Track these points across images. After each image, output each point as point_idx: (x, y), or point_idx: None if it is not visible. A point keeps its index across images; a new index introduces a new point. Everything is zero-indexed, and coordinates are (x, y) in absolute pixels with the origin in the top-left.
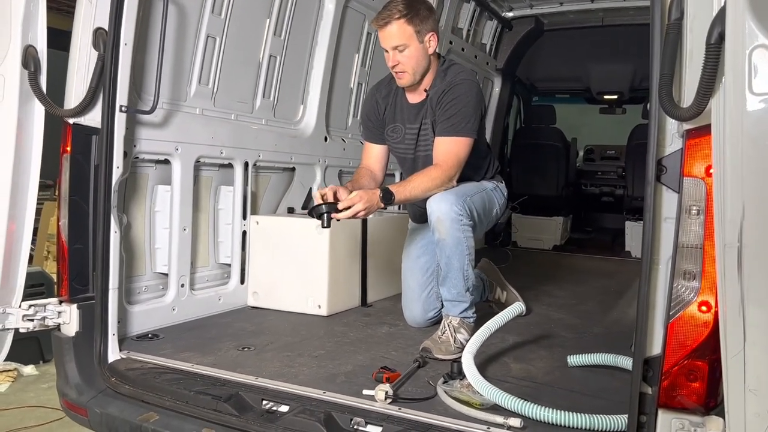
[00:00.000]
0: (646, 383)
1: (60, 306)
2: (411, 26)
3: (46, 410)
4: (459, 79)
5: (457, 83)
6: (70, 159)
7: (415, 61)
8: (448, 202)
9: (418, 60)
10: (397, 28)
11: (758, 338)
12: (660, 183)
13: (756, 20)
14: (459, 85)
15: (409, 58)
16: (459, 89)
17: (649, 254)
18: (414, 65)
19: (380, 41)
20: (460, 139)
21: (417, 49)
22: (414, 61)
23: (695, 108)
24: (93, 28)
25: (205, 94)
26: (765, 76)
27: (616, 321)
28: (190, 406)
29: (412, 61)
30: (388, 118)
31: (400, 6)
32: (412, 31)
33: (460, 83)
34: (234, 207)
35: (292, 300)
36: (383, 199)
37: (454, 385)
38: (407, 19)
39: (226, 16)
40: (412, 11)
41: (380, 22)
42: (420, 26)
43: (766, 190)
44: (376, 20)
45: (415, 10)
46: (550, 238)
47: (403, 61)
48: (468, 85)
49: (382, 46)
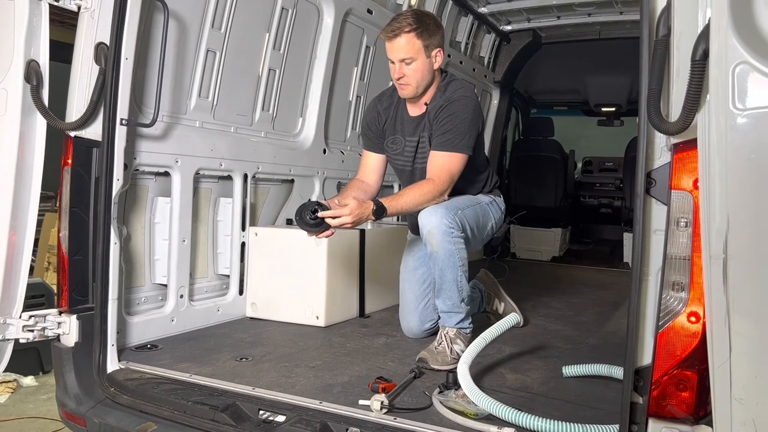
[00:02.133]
0: (637, 393)
1: (60, 317)
2: (420, 40)
3: (46, 421)
4: (457, 96)
5: (454, 99)
6: (71, 171)
7: (420, 75)
8: (439, 215)
9: (423, 74)
10: (405, 41)
11: (744, 348)
12: (649, 195)
13: (739, 38)
14: (456, 101)
15: (414, 72)
16: (456, 105)
17: (639, 266)
18: (419, 79)
19: (387, 52)
20: (454, 155)
21: (423, 63)
22: (419, 75)
23: (682, 122)
24: (95, 42)
25: (204, 107)
26: (747, 92)
27: (613, 332)
28: (187, 416)
29: (417, 75)
30: (388, 129)
31: (410, 19)
32: (420, 45)
33: (457, 99)
34: (233, 218)
35: (290, 311)
36: (375, 212)
37: (449, 396)
38: (417, 33)
39: (226, 30)
40: (422, 26)
41: (389, 33)
42: (429, 41)
43: (750, 203)
44: (386, 31)
45: (425, 25)
46: (549, 249)
47: (408, 74)
48: (465, 101)
49: (389, 56)
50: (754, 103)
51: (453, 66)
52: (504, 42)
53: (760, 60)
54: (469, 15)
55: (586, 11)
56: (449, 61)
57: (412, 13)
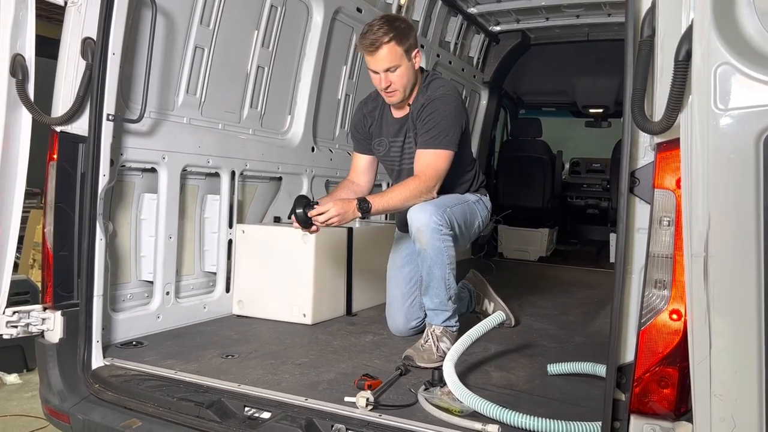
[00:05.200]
0: (620, 390)
1: (44, 312)
2: (400, 47)
3: (29, 419)
4: (438, 94)
5: (435, 97)
6: (56, 166)
7: (406, 80)
8: (428, 212)
9: (408, 78)
10: (387, 51)
11: (723, 344)
12: (633, 194)
13: (721, 39)
14: (438, 99)
15: (400, 77)
16: (438, 103)
17: (623, 264)
18: (405, 83)
19: (369, 64)
20: (440, 152)
21: (407, 67)
22: (404, 80)
23: (665, 122)
24: (81, 37)
25: (192, 103)
26: (729, 92)
27: (598, 331)
28: (172, 412)
29: (403, 80)
30: (374, 132)
31: (385, 28)
32: (401, 51)
33: (439, 97)
34: (220, 216)
35: (277, 309)
36: (360, 208)
37: (434, 393)
38: (396, 40)
39: (214, 27)
40: (397, 31)
41: (369, 47)
42: (407, 44)
43: (730, 202)
44: (364, 46)
45: (399, 30)
46: (536, 249)
47: (395, 81)
48: (446, 99)
49: (372, 68)
50: (736, 103)
51: (442, 66)
52: (493, 42)
53: (742, 61)
54: (459, 15)
55: (574, 13)
56: (438, 61)
57: (384, 22)
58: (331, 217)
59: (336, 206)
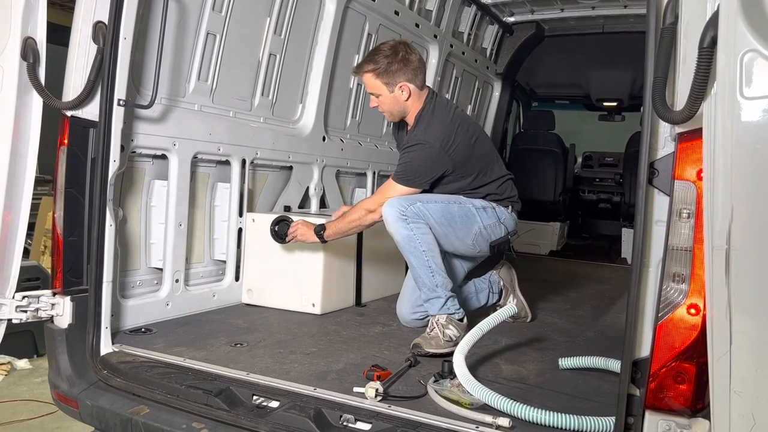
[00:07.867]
0: (635, 385)
1: (53, 298)
2: (379, 80)
3: (39, 404)
4: (415, 140)
5: (412, 143)
6: (66, 151)
7: (389, 107)
8: (392, 204)
9: (391, 106)
10: (366, 80)
11: (744, 340)
12: (652, 186)
13: (748, 25)
14: (414, 146)
15: (383, 103)
16: (412, 151)
17: (640, 257)
18: (389, 109)
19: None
20: (396, 184)
21: (388, 98)
22: (388, 106)
23: (687, 111)
24: (93, 21)
25: (203, 90)
26: (756, 80)
27: (609, 326)
28: (180, 399)
29: (386, 106)
30: (399, 139)
31: (376, 59)
32: (380, 83)
33: (414, 144)
34: (230, 204)
35: (286, 298)
36: (316, 232)
37: (444, 385)
38: (375, 74)
39: (226, 13)
40: (381, 67)
41: (355, 69)
42: (389, 79)
43: (754, 193)
44: (354, 67)
45: (385, 66)
46: (547, 243)
47: (380, 103)
48: (419, 150)
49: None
50: (762, 92)
51: (455, 57)
52: (507, 34)
53: None
54: (473, 5)
55: (590, 4)
56: (451, 51)
57: (380, 52)
58: (294, 236)
59: (297, 229)
